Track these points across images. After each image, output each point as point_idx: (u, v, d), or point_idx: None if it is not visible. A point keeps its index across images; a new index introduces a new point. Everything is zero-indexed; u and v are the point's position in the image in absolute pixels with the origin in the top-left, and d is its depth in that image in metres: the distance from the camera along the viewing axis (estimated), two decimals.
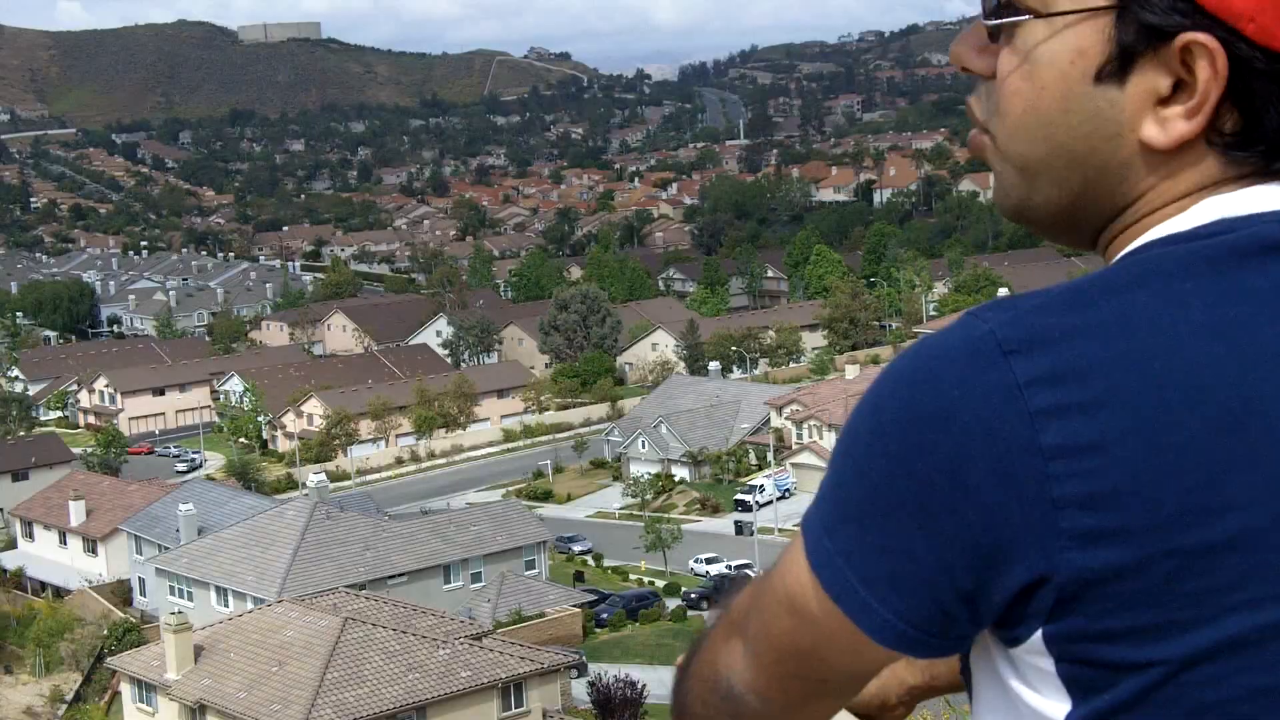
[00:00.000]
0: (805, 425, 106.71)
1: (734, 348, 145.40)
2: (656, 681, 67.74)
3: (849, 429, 1.62)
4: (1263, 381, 1.50)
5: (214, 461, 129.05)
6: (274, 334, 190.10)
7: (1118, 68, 1.58)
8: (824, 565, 1.62)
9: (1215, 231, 1.57)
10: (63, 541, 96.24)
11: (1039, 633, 1.56)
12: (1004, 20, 1.64)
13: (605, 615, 78.51)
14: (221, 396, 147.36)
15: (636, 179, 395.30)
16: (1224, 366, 1.50)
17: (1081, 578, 1.51)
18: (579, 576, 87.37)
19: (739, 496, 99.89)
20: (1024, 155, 1.67)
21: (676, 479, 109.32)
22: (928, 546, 1.55)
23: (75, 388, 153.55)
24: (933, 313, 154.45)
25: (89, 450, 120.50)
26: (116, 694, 69.60)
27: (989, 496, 1.52)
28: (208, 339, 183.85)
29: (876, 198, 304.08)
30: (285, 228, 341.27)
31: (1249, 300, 1.52)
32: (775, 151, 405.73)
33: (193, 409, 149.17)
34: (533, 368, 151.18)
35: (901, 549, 1.56)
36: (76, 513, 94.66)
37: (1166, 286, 1.53)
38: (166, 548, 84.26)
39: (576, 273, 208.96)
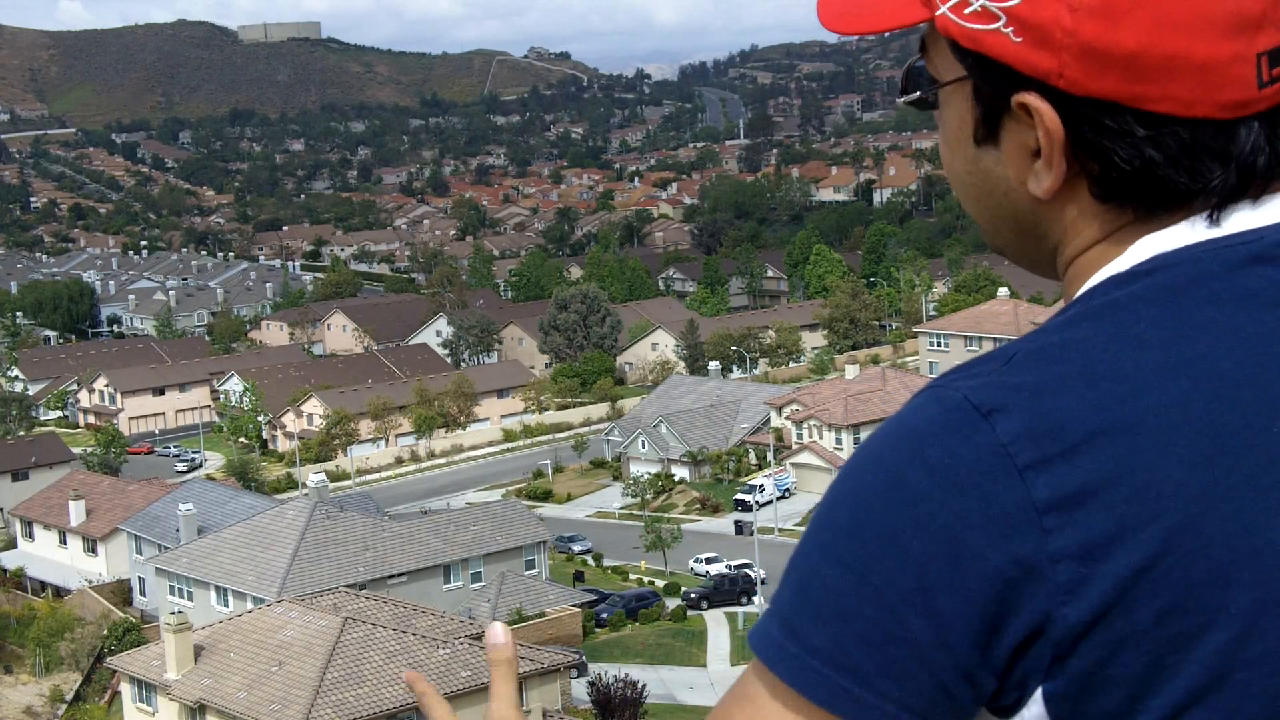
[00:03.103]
0: (805, 425, 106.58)
1: (734, 348, 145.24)
2: (656, 681, 67.77)
3: (821, 525, 1.59)
4: (1227, 413, 1.52)
5: (214, 461, 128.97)
6: (274, 334, 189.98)
7: (987, 131, 1.71)
8: (799, 672, 1.57)
9: (1152, 268, 1.63)
10: (63, 541, 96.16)
11: (1039, 692, 1.55)
12: (906, 99, 1.82)
13: (605, 615, 78.41)
14: (221, 396, 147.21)
15: (636, 179, 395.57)
16: (1189, 403, 1.52)
17: (1076, 629, 1.51)
18: (579, 576, 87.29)
19: (739, 496, 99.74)
20: (967, 209, 1.82)
21: (676, 479, 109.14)
22: (927, 626, 1.52)
23: (75, 388, 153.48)
24: (933, 313, 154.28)
25: (89, 450, 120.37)
26: (116, 694, 69.52)
27: (991, 562, 1.51)
28: (208, 339, 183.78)
29: (876, 197, 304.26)
30: (285, 228, 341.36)
31: (1202, 333, 1.56)
32: (775, 151, 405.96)
33: (193, 409, 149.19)
34: (533, 368, 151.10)
35: (896, 635, 1.53)
36: (76, 513, 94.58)
37: (1122, 331, 1.57)
38: (166, 547, 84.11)
39: (576, 273, 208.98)
